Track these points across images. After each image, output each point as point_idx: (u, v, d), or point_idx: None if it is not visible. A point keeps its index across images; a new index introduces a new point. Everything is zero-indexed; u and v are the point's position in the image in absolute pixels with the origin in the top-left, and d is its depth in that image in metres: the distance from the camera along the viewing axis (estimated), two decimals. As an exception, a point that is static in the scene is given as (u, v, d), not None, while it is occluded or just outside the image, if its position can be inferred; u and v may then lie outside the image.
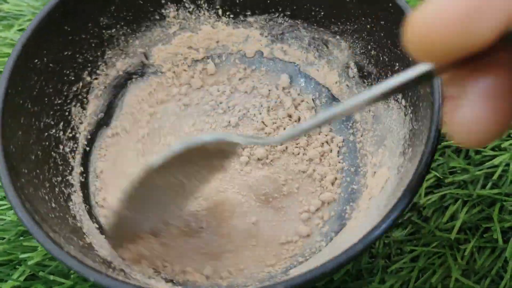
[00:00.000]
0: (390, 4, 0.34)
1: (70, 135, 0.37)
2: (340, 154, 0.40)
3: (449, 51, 0.18)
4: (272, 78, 0.44)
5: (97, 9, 0.38)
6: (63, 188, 0.34)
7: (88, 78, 0.39)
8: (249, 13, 0.43)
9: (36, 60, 0.34)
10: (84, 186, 0.37)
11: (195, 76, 0.44)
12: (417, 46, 0.18)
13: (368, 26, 0.37)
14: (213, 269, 0.34)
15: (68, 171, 0.36)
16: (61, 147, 0.36)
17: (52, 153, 0.35)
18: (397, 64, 0.35)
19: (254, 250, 0.36)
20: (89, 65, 0.39)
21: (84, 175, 0.37)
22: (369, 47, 0.38)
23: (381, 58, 0.37)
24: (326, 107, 0.42)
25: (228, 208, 0.37)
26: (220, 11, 0.43)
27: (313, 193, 0.38)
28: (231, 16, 0.43)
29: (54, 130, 0.36)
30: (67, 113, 0.37)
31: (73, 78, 0.38)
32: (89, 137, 0.39)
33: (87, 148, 0.39)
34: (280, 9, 0.42)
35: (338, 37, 0.41)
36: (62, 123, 0.37)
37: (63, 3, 0.35)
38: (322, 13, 0.40)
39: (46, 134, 0.35)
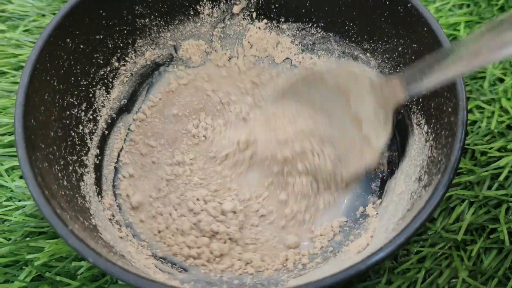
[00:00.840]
0: (425, 29, 0.34)
1: (91, 116, 0.38)
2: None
3: None
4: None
5: (133, -2, 0.39)
6: (76, 168, 0.34)
7: (116, 64, 0.40)
8: (283, 19, 0.43)
9: (68, 40, 0.35)
10: (98, 169, 0.37)
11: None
12: None
13: (400, 48, 0.37)
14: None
15: (84, 151, 0.36)
16: (80, 127, 0.36)
17: (71, 132, 0.35)
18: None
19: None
20: (118, 51, 0.40)
21: (100, 157, 0.38)
22: (398, 69, 0.38)
23: (408, 81, 0.37)
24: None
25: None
26: (254, 14, 0.43)
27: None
28: (265, 20, 0.43)
29: (76, 110, 0.36)
30: (91, 95, 0.38)
31: (101, 62, 0.38)
32: (109, 121, 0.39)
33: (106, 132, 0.39)
34: (314, 20, 0.42)
35: (368, 54, 0.40)
36: (84, 104, 0.37)
37: (102, -13, 0.36)
38: (356, 29, 0.40)
39: (68, 113, 0.35)
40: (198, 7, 0.42)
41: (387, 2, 0.36)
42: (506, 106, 0.42)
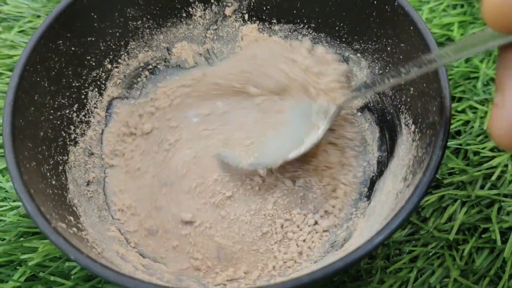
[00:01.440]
0: (412, 28, 0.34)
1: (84, 118, 0.38)
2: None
3: None
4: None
5: (125, 1, 0.39)
6: (66, 167, 0.35)
7: (109, 66, 0.40)
8: (274, 21, 0.43)
9: (59, 42, 0.35)
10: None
11: None
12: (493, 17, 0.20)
13: (389, 48, 0.37)
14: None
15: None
16: (72, 128, 0.37)
17: (62, 132, 0.36)
18: (411, 88, 0.35)
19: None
20: (111, 53, 0.40)
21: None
22: (387, 69, 0.38)
23: (397, 81, 0.37)
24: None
25: None
26: (246, 16, 0.43)
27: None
28: (257, 22, 0.43)
29: (67, 111, 0.37)
30: (83, 96, 0.38)
31: (93, 63, 0.39)
32: (103, 122, 0.40)
33: (99, 133, 0.40)
34: (305, 21, 0.42)
35: (359, 55, 0.40)
36: (76, 105, 0.38)
37: (93, -10, 0.37)
38: (346, 29, 0.40)
39: (59, 113, 0.36)
40: (190, 9, 0.42)
41: (375, 2, 0.36)
42: (499, 106, 0.42)
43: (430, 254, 0.36)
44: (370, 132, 0.40)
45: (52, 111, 0.35)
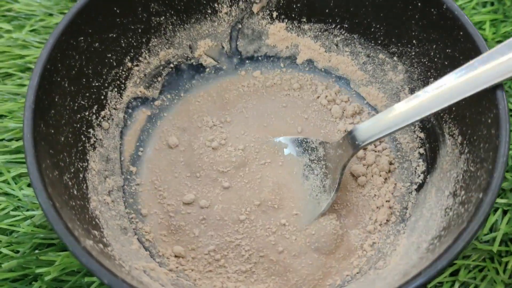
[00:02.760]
0: (461, 33, 0.32)
1: (103, 120, 0.36)
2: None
3: None
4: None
5: (149, -6, 0.37)
6: (87, 174, 0.32)
7: (129, 64, 0.38)
8: (304, 20, 0.41)
9: (81, 38, 0.33)
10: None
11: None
12: None
13: (432, 52, 0.35)
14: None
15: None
16: (91, 131, 0.34)
17: (82, 136, 0.33)
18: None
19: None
20: (132, 50, 0.37)
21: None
22: (429, 74, 0.36)
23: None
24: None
25: None
26: (274, 14, 0.41)
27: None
28: (286, 20, 0.41)
29: (87, 113, 0.34)
30: (102, 97, 0.36)
31: (114, 62, 0.36)
32: (121, 124, 0.37)
33: (118, 135, 0.37)
34: (338, 20, 0.40)
35: (395, 58, 0.38)
36: (96, 107, 0.35)
37: (117, -17, 0.34)
38: (383, 31, 0.38)
39: (79, 116, 0.33)
40: (216, 5, 0.40)
41: (419, 4, 0.34)
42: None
43: (472, 267, 0.35)
44: (408, 141, 0.38)
45: (72, 114, 0.32)
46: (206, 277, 0.32)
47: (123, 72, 0.37)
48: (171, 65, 0.40)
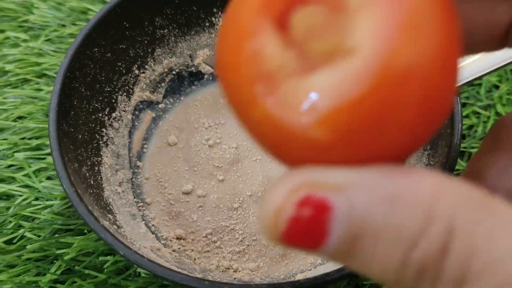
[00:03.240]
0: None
1: (113, 121, 0.41)
2: None
3: None
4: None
5: (155, 10, 0.41)
6: (101, 168, 0.37)
7: (137, 71, 0.43)
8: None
9: (96, 49, 0.38)
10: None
11: None
12: None
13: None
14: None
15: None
16: (104, 130, 0.39)
17: (96, 135, 0.38)
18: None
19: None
20: (139, 59, 0.42)
21: (120, 159, 0.41)
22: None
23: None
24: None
25: None
26: (265, 27, 0.46)
27: None
28: (275, 32, 0.46)
29: (100, 114, 0.39)
30: (113, 100, 0.41)
31: (123, 69, 0.41)
32: (129, 125, 0.42)
33: (127, 134, 0.42)
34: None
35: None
36: (108, 109, 0.40)
37: (127, 1, 0.39)
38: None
39: (94, 117, 0.38)
40: (213, 19, 0.45)
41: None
42: (501, 112, 0.45)
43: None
44: None
45: (88, 115, 0.37)
46: (204, 257, 0.37)
47: (131, 79, 0.42)
48: (174, 72, 0.45)
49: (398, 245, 0.14)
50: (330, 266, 0.35)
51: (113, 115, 0.41)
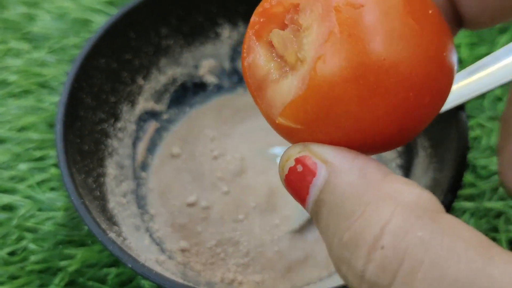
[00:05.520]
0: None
1: (118, 131, 0.40)
2: None
3: None
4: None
5: (160, 21, 0.42)
6: (106, 179, 0.37)
7: (142, 82, 0.42)
8: (296, 44, 0.46)
9: (102, 60, 0.38)
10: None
11: None
12: None
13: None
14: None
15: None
16: (109, 141, 0.39)
17: (102, 145, 0.38)
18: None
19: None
20: (144, 69, 0.42)
21: (124, 169, 0.41)
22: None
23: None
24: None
25: None
26: (270, 38, 0.46)
27: None
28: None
29: (106, 125, 0.39)
30: (118, 111, 0.40)
31: (128, 80, 0.41)
32: (134, 135, 0.42)
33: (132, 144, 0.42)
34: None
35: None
36: (113, 119, 0.40)
37: (133, 12, 0.39)
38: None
39: (99, 128, 0.38)
40: (218, 30, 0.45)
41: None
42: (504, 124, 0.46)
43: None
44: (387, 153, 0.43)
45: (93, 125, 0.37)
46: (208, 269, 0.37)
47: (136, 89, 0.42)
48: (178, 83, 0.45)
49: (342, 221, 0.17)
50: (336, 281, 0.35)
51: (118, 125, 0.40)
